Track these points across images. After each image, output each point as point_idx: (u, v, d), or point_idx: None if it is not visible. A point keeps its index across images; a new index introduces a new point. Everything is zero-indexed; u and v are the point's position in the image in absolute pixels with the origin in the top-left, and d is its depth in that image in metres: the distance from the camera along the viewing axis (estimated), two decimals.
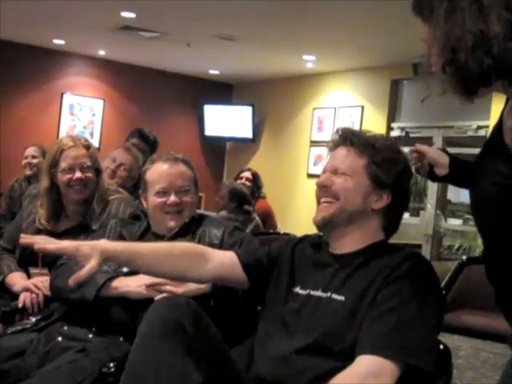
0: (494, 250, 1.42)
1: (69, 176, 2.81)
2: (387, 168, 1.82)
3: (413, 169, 1.99)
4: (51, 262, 2.70)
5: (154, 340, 1.61)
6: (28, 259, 2.87)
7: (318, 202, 1.89)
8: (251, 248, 2.13)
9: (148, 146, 4.84)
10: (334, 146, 1.92)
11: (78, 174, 2.80)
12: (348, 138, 1.88)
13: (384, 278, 1.67)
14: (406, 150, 1.96)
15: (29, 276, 2.83)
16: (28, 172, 5.68)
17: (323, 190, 1.87)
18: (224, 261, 1.97)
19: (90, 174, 2.84)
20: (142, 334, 1.65)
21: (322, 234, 1.95)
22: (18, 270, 2.86)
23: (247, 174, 6.34)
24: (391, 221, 1.87)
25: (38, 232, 2.86)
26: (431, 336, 1.65)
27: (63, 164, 2.81)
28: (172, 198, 2.42)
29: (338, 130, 1.93)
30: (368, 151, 1.83)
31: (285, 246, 2.01)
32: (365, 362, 1.54)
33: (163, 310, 1.66)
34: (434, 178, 2.07)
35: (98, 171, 2.89)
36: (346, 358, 1.62)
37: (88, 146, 2.88)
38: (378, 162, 1.82)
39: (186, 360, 1.59)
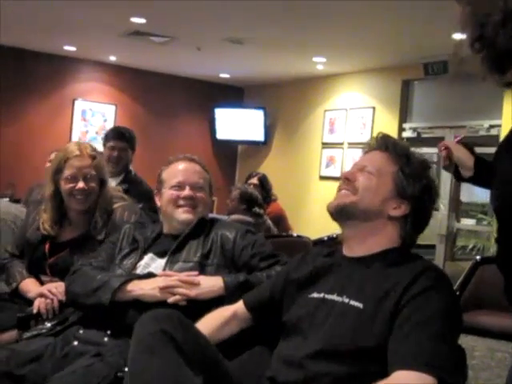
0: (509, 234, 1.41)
1: (71, 185, 2.79)
2: (414, 181, 1.83)
3: (441, 162, 1.99)
4: (59, 270, 2.75)
5: (146, 352, 1.63)
6: (36, 267, 2.88)
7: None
8: (259, 288, 2.14)
9: (128, 143, 4.55)
10: (369, 149, 1.95)
11: (80, 185, 2.78)
12: (385, 144, 1.91)
13: (405, 289, 1.66)
14: (418, 151, 1.97)
15: (41, 282, 2.84)
16: None
17: (345, 183, 1.89)
18: (239, 312, 2.06)
19: (93, 184, 2.83)
20: (134, 349, 1.67)
21: (334, 238, 1.96)
22: (29, 277, 2.86)
23: (254, 181, 6.33)
24: (407, 233, 1.86)
25: (44, 240, 2.87)
26: (456, 347, 1.66)
27: (67, 172, 2.79)
28: (186, 192, 2.44)
29: (376, 136, 1.95)
30: (401, 160, 1.86)
31: (294, 261, 2.04)
32: (403, 377, 1.52)
33: (149, 323, 1.69)
34: (459, 178, 2.06)
35: (102, 182, 2.87)
36: (361, 364, 1.63)
37: (94, 156, 2.85)
38: (407, 172, 1.84)
39: (183, 367, 1.61)
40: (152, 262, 2.39)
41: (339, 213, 1.86)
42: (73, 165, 2.80)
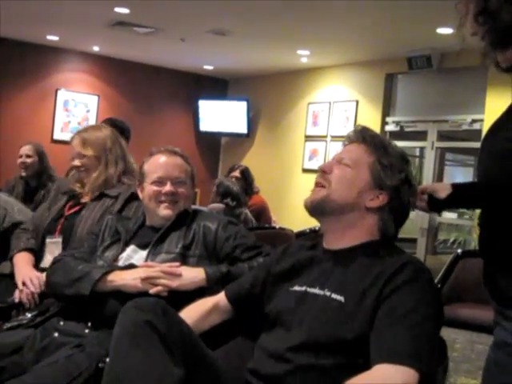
0: (494, 215, 1.42)
1: None
2: (391, 172, 1.82)
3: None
4: (65, 228, 2.87)
5: (129, 343, 1.63)
6: (49, 228, 2.94)
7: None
8: (240, 280, 2.12)
9: (126, 139, 4.41)
10: (348, 141, 1.93)
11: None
12: (363, 136, 1.89)
13: (386, 282, 1.66)
14: (401, 144, 1.95)
15: (40, 252, 2.90)
16: (23, 173, 5.59)
17: (320, 175, 1.88)
18: (221, 304, 2.05)
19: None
20: (116, 338, 1.67)
21: (316, 230, 1.96)
22: (25, 250, 2.91)
23: (236, 173, 6.37)
24: (386, 225, 1.84)
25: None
26: (437, 340, 1.67)
27: None
28: (167, 188, 2.43)
29: (356, 128, 1.94)
30: (378, 152, 1.84)
31: (276, 253, 2.03)
32: (385, 371, 1.52)
33: (133, 312, 1.68)
34: (434, 207, 1.98)
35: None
36: (344, 357, 1.64)
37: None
38: (384, 163, 1.82)
39: (164, 357, 1.61)
40: (134, 254, 2.38)
41: (314, 209, 1.85)
42: None
